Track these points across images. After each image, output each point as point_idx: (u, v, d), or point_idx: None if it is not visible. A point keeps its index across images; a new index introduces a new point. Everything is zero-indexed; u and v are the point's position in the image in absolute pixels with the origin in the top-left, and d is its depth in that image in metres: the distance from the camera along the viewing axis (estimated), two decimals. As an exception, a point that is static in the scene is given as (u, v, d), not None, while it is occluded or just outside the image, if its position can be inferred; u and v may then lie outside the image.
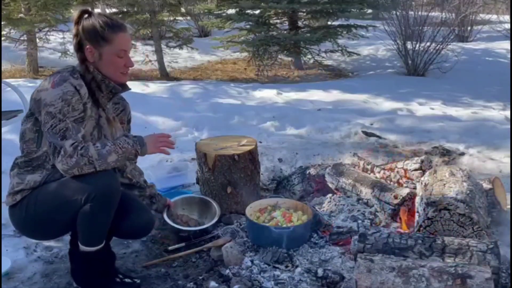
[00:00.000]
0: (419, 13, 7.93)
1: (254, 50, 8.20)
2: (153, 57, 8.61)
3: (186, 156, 4.04)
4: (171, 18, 9.25)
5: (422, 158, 3.05)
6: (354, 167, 3.30)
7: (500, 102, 6.04)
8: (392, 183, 3.03)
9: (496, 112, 5.61)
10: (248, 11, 8.27)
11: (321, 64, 8.61)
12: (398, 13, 7.87)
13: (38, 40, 8.28)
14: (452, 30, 8.11)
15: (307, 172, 3.34)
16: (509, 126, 4.56)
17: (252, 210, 2.68)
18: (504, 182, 2.96)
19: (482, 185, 2.79)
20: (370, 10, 10.48)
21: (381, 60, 9.26)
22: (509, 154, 3.78)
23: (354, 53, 8.80)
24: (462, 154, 3.99)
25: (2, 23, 7.55)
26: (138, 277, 2.34)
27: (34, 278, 2.38)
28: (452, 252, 2.10)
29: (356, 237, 2.33)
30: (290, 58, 8.92)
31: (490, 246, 2.08)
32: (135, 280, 2.31)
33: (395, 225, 2.71)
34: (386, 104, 6.03)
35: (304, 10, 8.45)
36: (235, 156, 2.90)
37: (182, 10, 9.60)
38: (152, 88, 6.65)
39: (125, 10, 8.39)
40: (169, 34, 8.76)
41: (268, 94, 6.55)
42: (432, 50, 7.62)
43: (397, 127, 4.87)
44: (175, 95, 6.38)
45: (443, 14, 8.37)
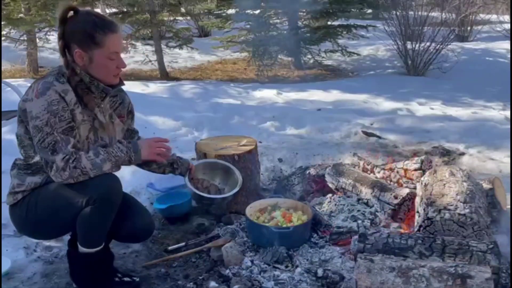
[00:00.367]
0: (419, 13, 7.93)
1: (254, 50, 8.20)
2: (153, 57, 8.61)
3: (186, 156, 4.00)
4: (171, 18, 9.27)
5: (422, 158, 3.04)
6: (354, 167, 3.29)
7: (500, 102, 6.04)
8: (392, 183, 3.03)
9: (496, 112, 5.61)
10: (248, 11, 8.28)
11: (321, 64, 8.61)
12: (398, 13, 7.87)
13: (38, 40, 8.29)
14: (452, 30, 8.10)
15: (307, 172, 3.34)
16: (509, 126, 4.55)
17: (252, 210, 2.69)
18: (504, 182, 2.95)
19: (482, 185, 2.79)
20: (370, 10, 10.49)
21: (381, 60, 9.25)
22: (509, 154, 3.78)
23: (354, 53, 8.80)
24: (462, 154, 3.99)
25: (2, 23, 7.55)
26: (138, 277, 2.34)
27: (34, 278, 2.38)
28: (452, 252, 2.09)
29: (356, 237, 2.33)
30: (290, 58, 8.92)
31: (490, 246, 2.07)
32: (134, 278, 2.30)
33: (395, 225, 2.71)
34: (386, 104, 6.04)
35: (304, 10, 8.45)
36: (235, 156, 2.90)
37: (182, 10, 9.61)
38: (152, 88, 6.65)
39: (125, 10, 8.40)
40: (169, 34, 8.78)
41: (268, 94, 6.55)
42: (432, 50, 7.62)
43: (397, 127, 4.86)
44: (175, 95, 6.38)
45: (443, 14, 8.36)
